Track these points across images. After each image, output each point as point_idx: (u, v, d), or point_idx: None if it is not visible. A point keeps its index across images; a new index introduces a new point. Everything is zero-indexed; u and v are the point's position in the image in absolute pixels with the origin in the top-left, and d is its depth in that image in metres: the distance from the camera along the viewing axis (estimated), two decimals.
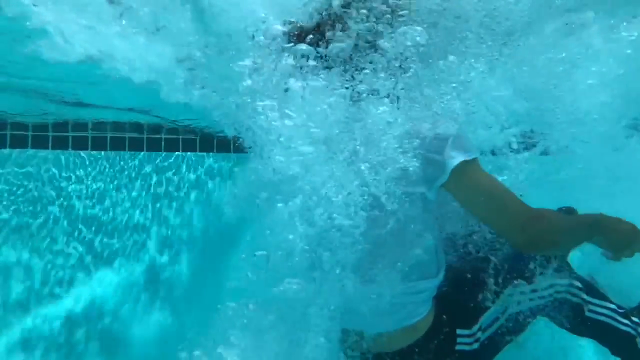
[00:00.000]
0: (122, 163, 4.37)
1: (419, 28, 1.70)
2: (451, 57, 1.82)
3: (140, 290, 4.03)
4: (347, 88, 1.69)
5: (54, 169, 4.08)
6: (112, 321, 3.81)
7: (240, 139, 1.78)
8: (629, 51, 2.35)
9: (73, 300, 3.76)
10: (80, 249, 3.96)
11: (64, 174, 4.09)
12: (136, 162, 4.43)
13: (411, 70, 1.71)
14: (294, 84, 1.63)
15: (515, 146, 2.52)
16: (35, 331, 3.56)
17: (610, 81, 2.40)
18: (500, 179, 1.81)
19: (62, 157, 4.10)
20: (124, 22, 2.04)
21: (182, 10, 1.97)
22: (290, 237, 1.62)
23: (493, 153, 2.56)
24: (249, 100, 1.67)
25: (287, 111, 1.61)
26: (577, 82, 2.39)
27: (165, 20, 1.99)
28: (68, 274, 3.83)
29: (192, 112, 3.55)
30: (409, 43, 1.69)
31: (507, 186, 1.74)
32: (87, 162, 4.21)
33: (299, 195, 1.62)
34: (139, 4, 1.98)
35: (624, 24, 2.33)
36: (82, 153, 4.17)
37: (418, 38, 1.69)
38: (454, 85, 1.86)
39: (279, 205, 1.64)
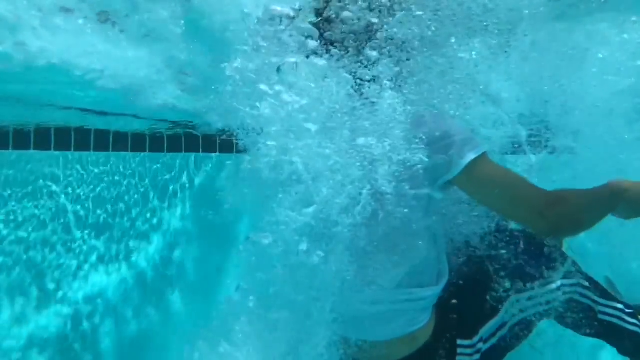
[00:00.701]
0: (124, 163, 4.37)
1: (420, 13, 1.65)
2: (453, 42, 1.77)
3: (144, 287, 4.02)
4: (349, 73, 1.64)
5: (57, 168, 4.08)
6: (117, 318, 3.80)
7: (236, 133, 1.73)
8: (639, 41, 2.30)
9: (75, 298, 3.77)
10: (84, 247, 3.96)
11: (66, 174, 4.09)
12: (139, 162, 4.43)
13: (412, 57, 1.67)
14: (294, 69, 1.59)
15: (524, 147, 2.48)
16: (39, 330, 3.57)
17: (618, 75, 2.35)
18: None
19: (69, 156, 4.11)
20: (111, 27, 2.03)
21: (171, 14, 1.95)
22: (287, 231, 1.58)
23: (504, 153, 2.52)
24: (247, 89, 1.63)
25: (285, 98, 1.56)
26: (585, 75, 2.35)
27: (152, 24, 1.98)
28: (70, 272, 3.83)
29: (187, 114, 3.54)
30: (408, 29, 1.64)
31: (519, 174, 1.70)
32: (89, 163, 4.21)
33: (296, 189, 1.58)
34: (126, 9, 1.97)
35: (633, 18, 2.29)
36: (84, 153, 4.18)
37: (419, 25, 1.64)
38: (457, 75, 1.82)
39: (276, 200, 1.60)
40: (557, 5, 2.14)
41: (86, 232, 3.99)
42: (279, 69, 1.56)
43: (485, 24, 1.82)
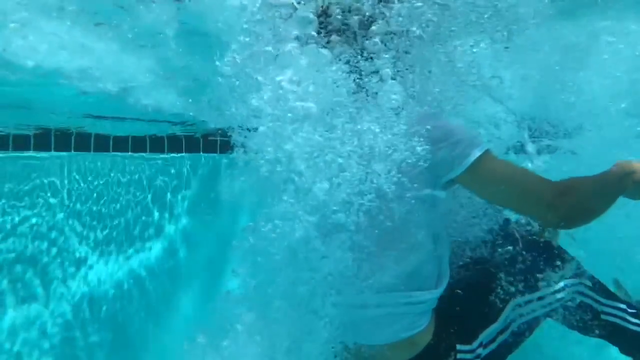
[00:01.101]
0: (125, 162, 4.38)
1: (420, 4, 1.63)
2: (454, 37, 1.75)
3: (145, 285, 4.01)
4: (350, 65, 1.61)
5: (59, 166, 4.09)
6: (117, 314, 3.78)
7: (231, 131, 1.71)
8: None
9: (81, 288, 3.76)
10: (87, 241, 3.95)
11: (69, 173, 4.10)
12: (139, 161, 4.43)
13: (413, 49, 1.64)
14: (292, 60, 1.55)
15: (530, 148, 2.45)
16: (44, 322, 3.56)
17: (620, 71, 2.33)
18: None
19: (66, 156, 4.12)
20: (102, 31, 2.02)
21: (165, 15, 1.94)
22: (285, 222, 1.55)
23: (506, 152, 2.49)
24: (244, 82, 1.60)
25: (284, 88, 1.53)
26: (588, 73, 2.32)
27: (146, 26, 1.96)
28: (74, 265, 3.81)
29: (184, 115, 3.53)
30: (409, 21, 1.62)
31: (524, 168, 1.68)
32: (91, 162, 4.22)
33: (294, 183, 1.55)
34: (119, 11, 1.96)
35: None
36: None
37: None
38: (459, 66, 1.79)
39: (274, 193, 1.58)
40: (561, 4, 2.12)
41: (86, 231, 3.98)
42: (276, 58, 1.53)
43: (486, 16, 1.80)
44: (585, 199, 1.64)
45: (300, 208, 1.55)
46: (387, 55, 1.61)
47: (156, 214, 4.32)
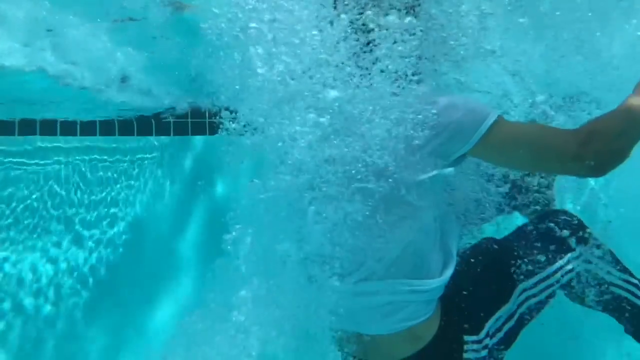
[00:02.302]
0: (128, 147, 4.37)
1: None
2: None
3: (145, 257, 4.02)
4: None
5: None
6: (113, 292, 3.79)
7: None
8: None
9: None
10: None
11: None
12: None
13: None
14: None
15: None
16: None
17: None
18: None
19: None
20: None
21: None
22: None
23: None
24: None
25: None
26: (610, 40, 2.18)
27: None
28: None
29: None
30: None
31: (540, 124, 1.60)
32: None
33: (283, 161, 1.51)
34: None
35: None
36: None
37: None
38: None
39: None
40: None
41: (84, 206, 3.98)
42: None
43: None
44: (612, 139, 1.50)
45: (293, 181, 1.51)
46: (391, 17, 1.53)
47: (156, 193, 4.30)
